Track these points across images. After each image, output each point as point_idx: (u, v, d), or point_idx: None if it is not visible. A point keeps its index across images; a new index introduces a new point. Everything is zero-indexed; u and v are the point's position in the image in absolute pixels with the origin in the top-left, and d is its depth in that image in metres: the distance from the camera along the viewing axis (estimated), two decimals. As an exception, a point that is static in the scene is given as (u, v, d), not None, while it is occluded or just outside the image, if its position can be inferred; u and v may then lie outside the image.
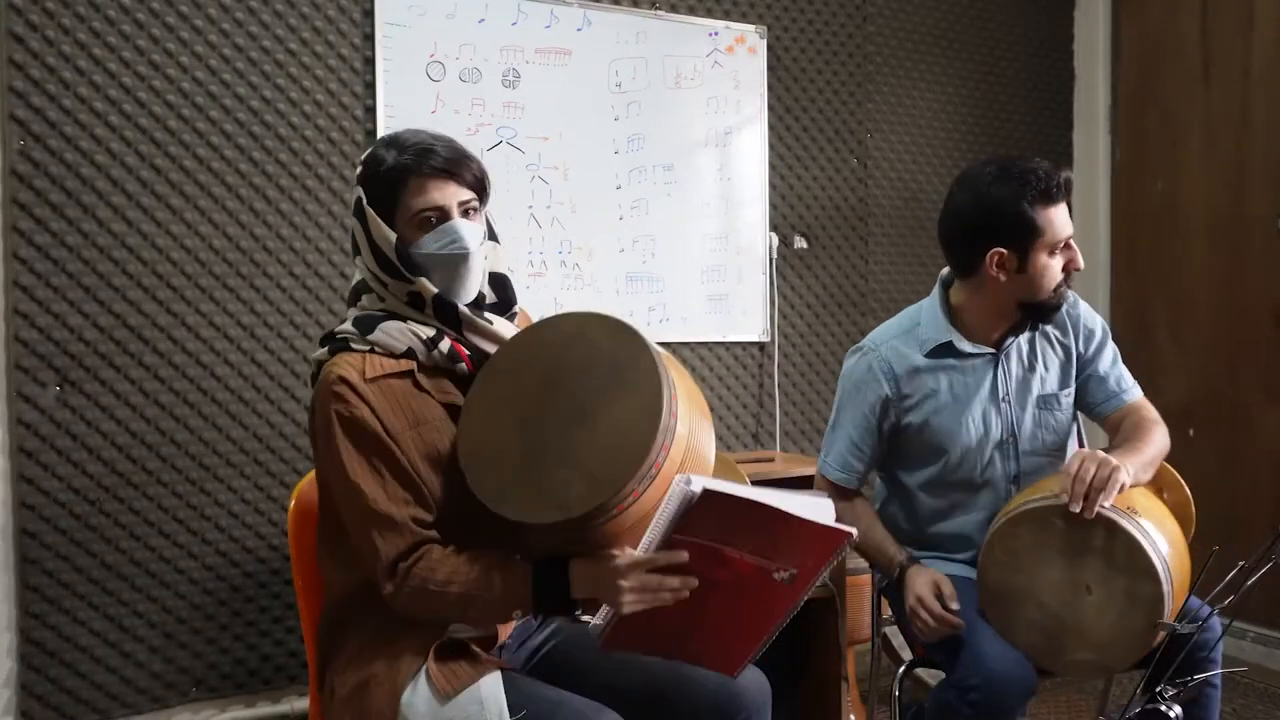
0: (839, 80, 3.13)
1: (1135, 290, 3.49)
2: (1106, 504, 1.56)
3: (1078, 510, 1.56)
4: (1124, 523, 1.57)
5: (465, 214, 1.42)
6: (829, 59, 3.11)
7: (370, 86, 2.48)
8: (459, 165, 1.41)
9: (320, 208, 2.45)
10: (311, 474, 1.70)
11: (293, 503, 1.62)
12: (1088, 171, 3.60)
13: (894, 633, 2.69)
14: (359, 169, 1.43)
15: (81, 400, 2.21)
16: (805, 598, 1.23)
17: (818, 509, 1.21)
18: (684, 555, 1.19)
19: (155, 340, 2.29)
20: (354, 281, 1.50)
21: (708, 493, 1.11)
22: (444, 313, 1.42)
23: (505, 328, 1.48)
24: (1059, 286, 1.78)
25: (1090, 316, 1.91)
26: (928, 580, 1.76)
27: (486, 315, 1.46)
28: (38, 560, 2.18)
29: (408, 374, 1.40)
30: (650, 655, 1.36)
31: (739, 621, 1.27)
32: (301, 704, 2.41)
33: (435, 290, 1.40)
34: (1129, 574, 1.56)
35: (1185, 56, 3.29)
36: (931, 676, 2.84)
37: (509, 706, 1.27)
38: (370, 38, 2.48)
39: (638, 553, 1.22)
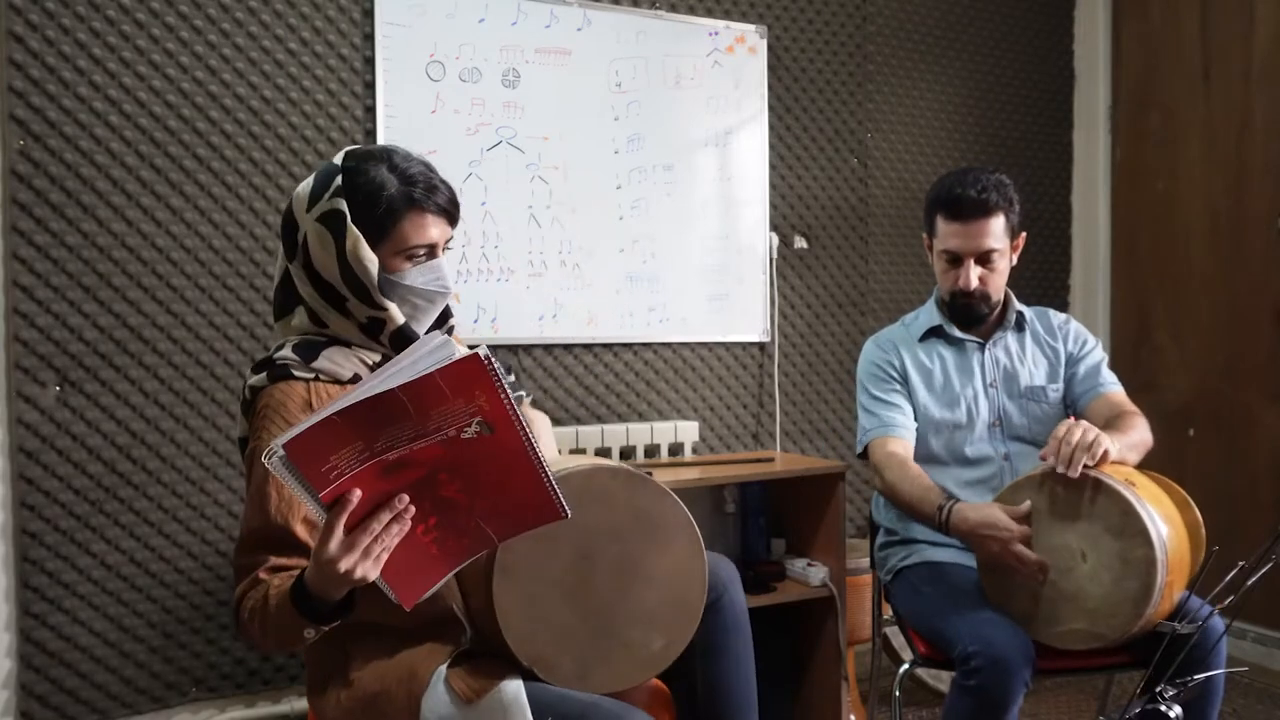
0: (839, 80, 3.13)
1: (1135, 290, 3.49)
2: (1090, 463, 1.62)
3: (1063, 470, 1.63)
4: (1119, 488, 1.61)
5: (444, 251, 1.44)
6: (829, 59, 3.11)
7: (370, 86, 2.48)
8: (457, 207, 1.43)
9: (320, 208, 2.44)
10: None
11: (293, 503, 1.62)
12: (1088, 171, 3.60)
13: (894, 633, 2.70)
14: (339, 179, 1.36)
15: (81, 400, 2.21)
16: (525, 428, 1.09)
17: (426, 357, 1.05)
18: (353, 497, 1.06)
19: (155, 340, 2.29)
20: (278, 291, 1.44)
21: (289, 445, 0.99)
22: (402, 344, 1.40)
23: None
24: (957, 297, 1.97)
25: (1084, 329, 2.09)
26: (991, 513, 1.71)
27: None
28: (38, 560, 2.18)
29: None
30: (465, 562, 1.22)
31: (500, 484, 1.14)
32: (301, 704, 2.41)
33: (402, 321, 1.40)
34: (1122, 537, 1.59)
35: (1185, 56, 3.29)
36: (931, 677, 2.85)
37: (536, 710, 1.26)
38: (370, 38, 2.48)
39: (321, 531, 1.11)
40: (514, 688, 1.27)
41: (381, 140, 2.47)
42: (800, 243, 3.08)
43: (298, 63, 2.42)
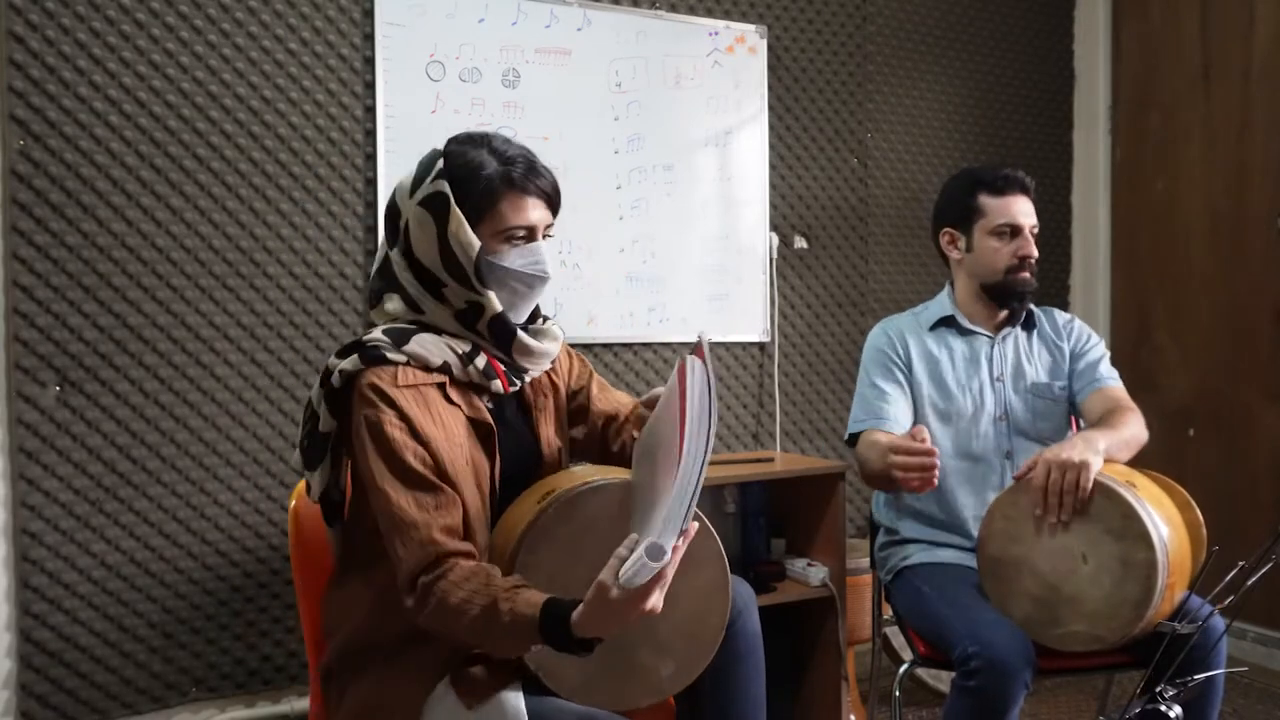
0: (839, 80, 3.13)
1: (1135, 290, 3.49)
2: (1076, 507, 1.62)
3: (1054, 521, 1.63)
4: (1121, 490, 1.60)
5: (544, 237, 1.44)
6: (829, 59, 3.11)
7: (370, 86, 2.48)
8: (558, 194, 1.43)
9: (320, 208, 2.45)
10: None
11: (293, 503, 1.62)
12: (1088, 171, 3.60)
13: (894, 633, 2.70)
14: (440, 162, 1.37)
15: (81, 400, 2.21)
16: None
17: (703, 389, 1.12)
18: (681, 545, 1.11)
19: (155, 340, 2.29)
20: (375, 278, 1.44)
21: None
22: (500, 331, 1.41)
23: (552, 347, 1.50)
24: (1012, 271, 1.99)
25: (1087, 328, 2.11)
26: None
27: (537, 336, 1.47)
28: (38, 560, 2.18)
29: (439, 386, 1.38)
30: None
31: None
32: (301, 704, 2.41)
33: (500, 308, 1.39)
34: (1123, 540, 1.59)
35: (1185, 56, 3.29)
36: (931, 677, 2.85)
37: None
38: (370, 38, 2.48)
39: (633, 590, 1.10)
40: (514, 699, 1.27)
41: (381, 140, 2.47)
42: (800, 243, 3.08)
43: (298, 63, 2.42)
